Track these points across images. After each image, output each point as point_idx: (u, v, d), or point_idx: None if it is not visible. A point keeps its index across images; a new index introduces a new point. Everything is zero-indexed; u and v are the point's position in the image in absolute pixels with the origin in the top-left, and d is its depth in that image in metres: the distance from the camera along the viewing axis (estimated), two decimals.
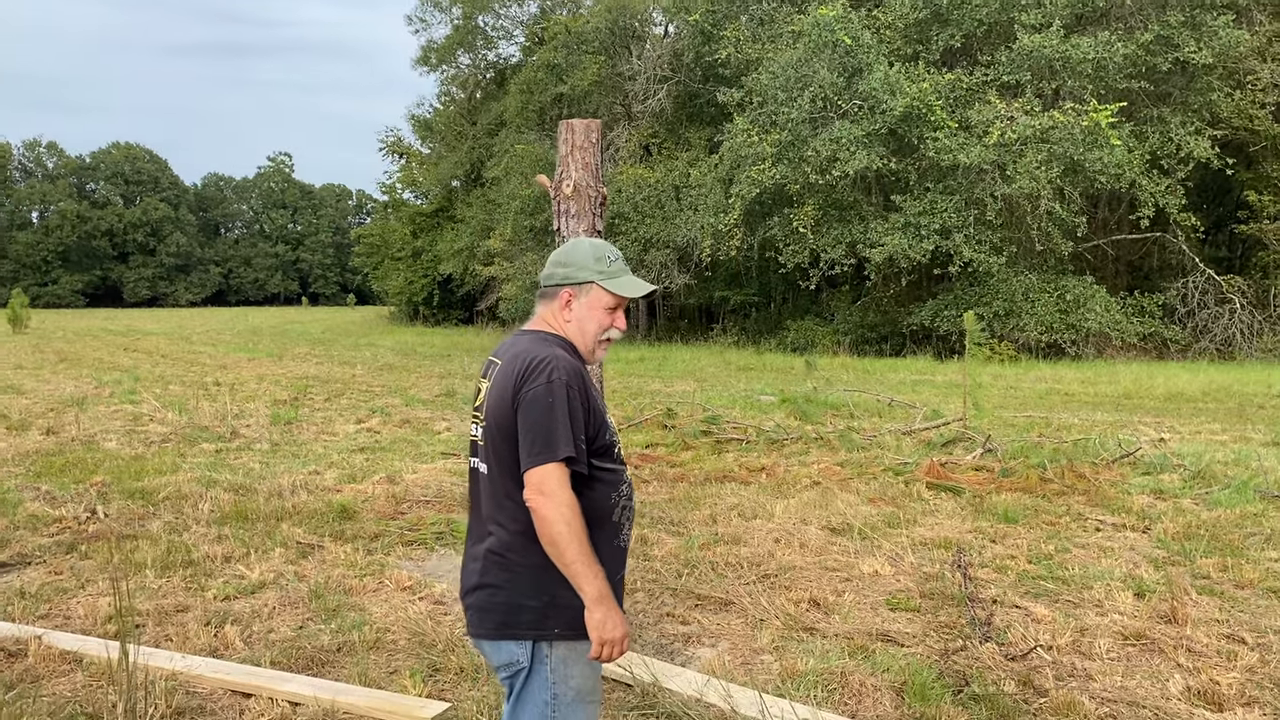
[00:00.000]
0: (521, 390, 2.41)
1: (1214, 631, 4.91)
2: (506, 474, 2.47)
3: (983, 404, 12.43)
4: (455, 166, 43.82)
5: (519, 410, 2.41)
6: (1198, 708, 4.03)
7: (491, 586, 2.47)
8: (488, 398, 2.53)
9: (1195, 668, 4.43)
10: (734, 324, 32.69)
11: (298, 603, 5.32)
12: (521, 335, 2.64)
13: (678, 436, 11.17)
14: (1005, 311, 23.97)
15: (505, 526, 2.47)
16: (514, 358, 2.52)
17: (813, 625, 4.99)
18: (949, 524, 7.23)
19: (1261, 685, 4.25)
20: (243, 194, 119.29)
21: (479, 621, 2.52)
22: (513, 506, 2.45)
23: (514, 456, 2.43)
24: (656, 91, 31.96)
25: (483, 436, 2.54)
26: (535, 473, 2.36)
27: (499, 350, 2.65)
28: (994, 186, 23.28)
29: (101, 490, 8.18)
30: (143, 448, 10.60)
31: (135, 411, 13.62)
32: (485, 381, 2.60)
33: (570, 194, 4.45)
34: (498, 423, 2.47)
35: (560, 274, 2.62)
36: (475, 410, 2.62)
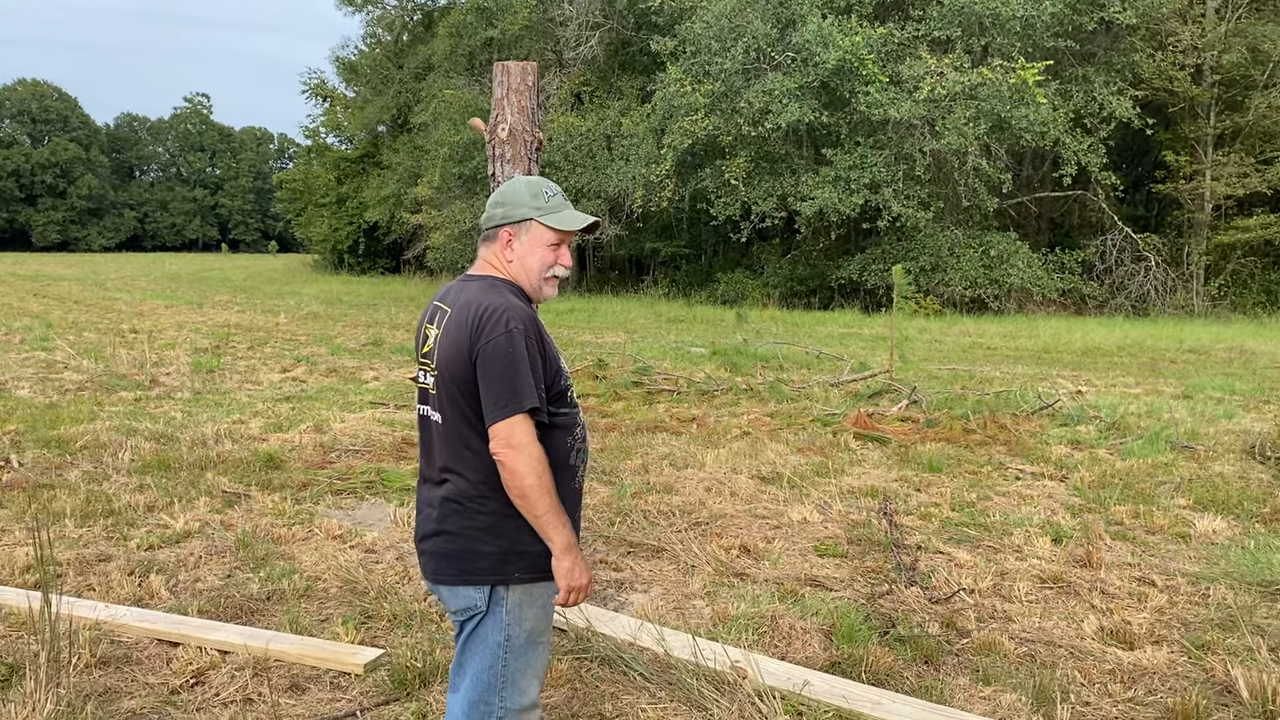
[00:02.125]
0: (480, 342, 2.39)
1: (1126, 575, 5.11)
2: (464, 423, 2.46)
3: (909, 356, 12.66)
4: (381, 111, 42.79)
5: (479, 363, 2.39)
6: (1110, 646, 4.20)
7: (449, 533, 2.48)
8: (439, 347, 2.49)
9: (1108, 609, 4.61)
10: (665, 276, 32.68)
11: (224, 552, 5.23)
12: (469, 281, 2.59)
13: (609, 387, 11.18)
14: (931, 266, 24.37)
15: (463, 475, 2.47)
16: (465, 306, 2.48)
17: (743, 571, 5.07)
18: (875, 473, 7.38)
19: (1170, 625, 4.44)
20: (158, 135, 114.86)
21: (436, 567, 2.52)
22: (471, 455, 2.45)
23: (472, 407, 2.43)
24: (588, 38, 31.47)
25: (435, 385, 2.51)
26: (502, 426, 2.36)
27: (445, 296, 2.59)
28: (923, 142, 23.53)
29: (15, 439, 7.91)
30: (57, 396, 10.27)
31: (48, 359, 13.17)
32: (434, 328, 2.54)
33: (505, 138, 4.37)
34: (453, 373, 2.44)
35: (499, 214, 2.59)
36: (423, 358, 2.58)
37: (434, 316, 2.57)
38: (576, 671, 3.81)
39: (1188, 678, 3.89)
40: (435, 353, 2.50)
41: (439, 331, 2.51)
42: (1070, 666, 3.99)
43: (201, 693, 3.66)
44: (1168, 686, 3.81)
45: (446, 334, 2.48)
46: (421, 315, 2.67)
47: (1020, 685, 3.77)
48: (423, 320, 2.64)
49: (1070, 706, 3.59)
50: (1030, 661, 4.03)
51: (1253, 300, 25.47)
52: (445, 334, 2.48)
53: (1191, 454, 8.13)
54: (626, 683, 3.74)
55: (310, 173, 52.22)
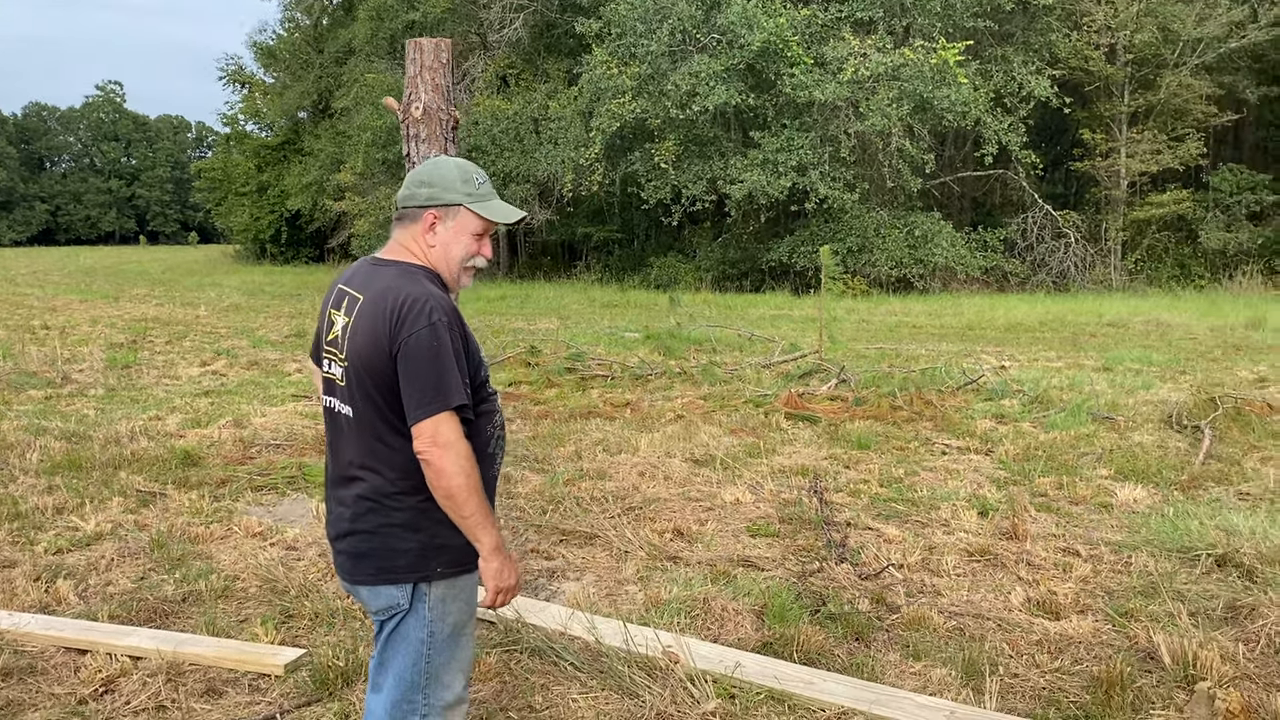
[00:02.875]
0: (401, 335, 2.25)
1: (1051, 545, 5.18)
2: (378, 418, 2.33)
3: (837, 337, 12.79)
4: (301, 97, 41.85)
5: (400, 357, 2.26)
6: (1037, 617, 4.25)
7: (364, 532, 2.37)
8: (351, 338, 2.34)
9: (1034, 580, 4.67)
10: (598, 261, 32.55)
11: (138, 554, 5.04)
12: (381, 265, 2.43)
13: (541, 374, 11.07)
14: (858, 247, 24.61)
15: (378, 471, 2.35)
16: (382, 294, 2.32)
17: (677, 554, 5.03)
18: (806, 452, 7.41)
19: (1094, 594, 4.51)
20: (69, 125, 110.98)
21: (354, 567, 2.41)
22: (386, 451, 2.34)
23: (389, 402, 2.30)
24: (513, 20, 31.08)
25: (345, 377, 2.36)
26: (427, 424, 2.24)
27: (352, 280, 2.44)
28: (848, 123, 23.72)
29: None
30: None
31: None
32: (340, 314, 2.39)
33: (420, 117, 4.24)
34: (369, 367, 2.31)
35: (424, 194, 2.42)
36: (329, 345, 2.43)
37: (341, 301, 2.41)
38: (506, 664, 3.73)
39: (1112, 645, 3.95)
40: (345, 343, 2.36)
41: (349, 320, 2.36)
42: (998, 639, 4.02)
43: (111, 702, 3.50)
44: (1093, 655, 3.86)
45: (360, 323, 2.33)
46: (325, 298, 2.50)
47: (950, 659, 3.79)
48: (326, 304, 2.47)
49: (999, 679, 3.61)
50: (959, 635, 4.06)
51: (1167, 274, 26.24)
52: (358, 323, 2.33)
53: (1112, 425, 8.31)
54: (558, 673, 3.67)
55: (229, 161, 50.88)
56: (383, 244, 2.55)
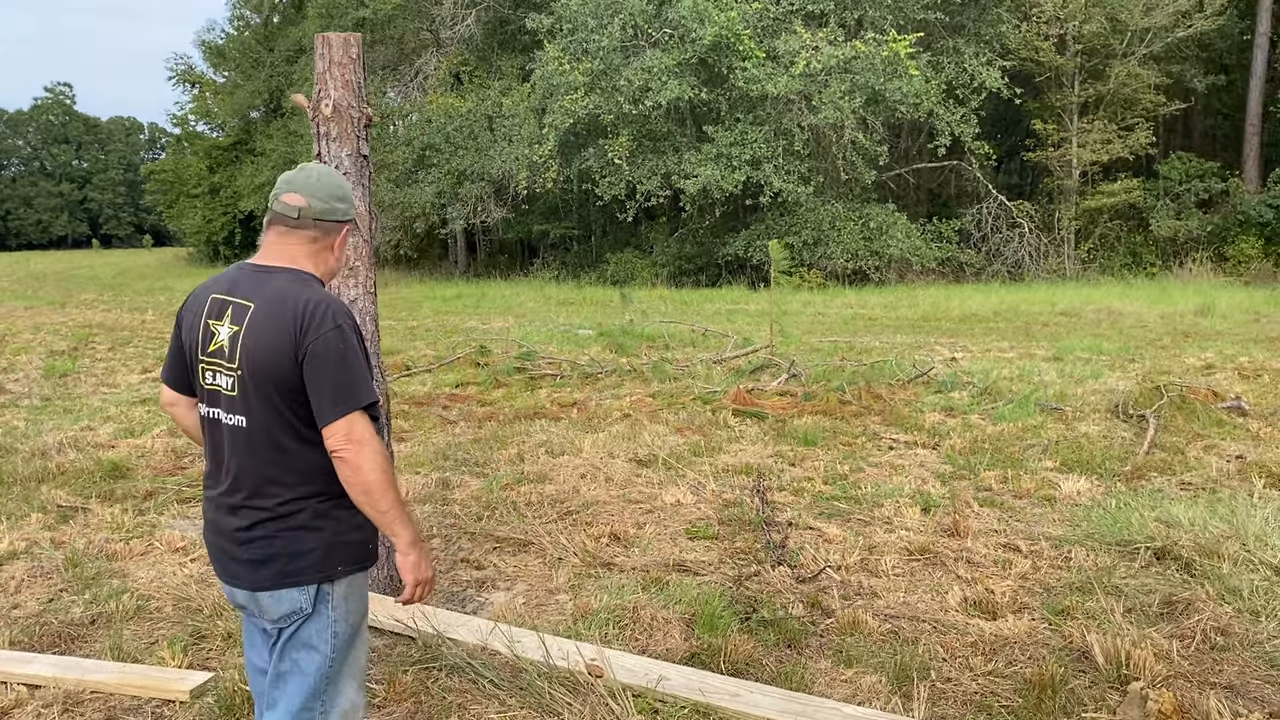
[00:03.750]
0: (308, 340, 2.27)
1: (992, 542, 5.12)
2: (278, 425, 2.32)
3: (790, 330, 12.74)
4: (253, 96, 41.24)
5: (308, 361, 2.27)
6: (974, 618, 4.18)
7: (265, 539, 2.34)
8: (245, 345, 2.30)
9: (973, 578, 4.60)
10: (554, 258, 32.34)
11: (51, 573, 4.83)
12: (270, 273, 2.39)
13: (490, 374, 10.90)
14: (814, 240, 24.61)
15: (277, 480, 2.34)
16: (279, 301, 2.31)
17: (611, 560, 4.91)
18: (752, 450, 7.32)
19: (1032, 591, 4.45)
20: (17, 128, 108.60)
21: (254, 574, 2.36)
22: (285, 458, 2.34)
23: (291, 408, 2.31)
24: (465, 16, 30.78)
25: (235, 387, 2.32)
26: (341, 424, 2.27)
27: (235, 289, 2.37)
28: (801, 117, 23.70)
29: None
30: None
31: None
32: (224, 324, 2.33)
33: (330, 115, 4.07)
34: (272, 374, 2.29)
35: (342, 209, 2.48)
36: (209, 358, 2.36)
37: (223, 311, 2.34)
38: (423, 683, 3.59)
39: (1047, 645, 3.88)
40: (239, 352, 2.31)
41: (240, 328, 2.31)
42: (933, 641, 3.94)
43: None
44: (1028, 656, 3.79)
45: (256, 333, 2.29)
46: (190, 309, 2.43)
47: (882, 665, 3.70)
48: (198, 314, 2.39)
49: (930, 684, 3.53)
50: (893, 639, 3.97)
51: (1119, 262, 26.49)
52: (253, 331, 2.30)
53: (1060, 415, 8.30)
54: (476, 691, 3.53)
55: (181, 162, 50.07)
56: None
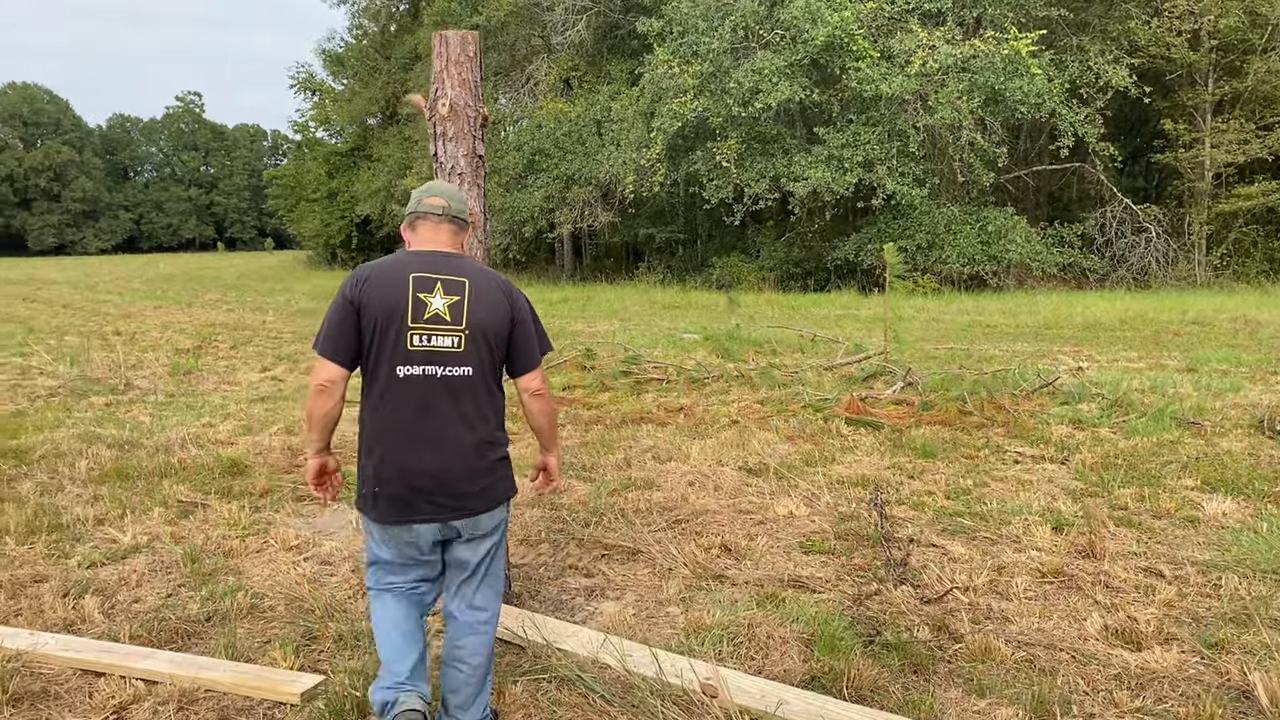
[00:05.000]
0: (514, 309, 2.98)
1: (1132, 565, 4.78)
2: (492, 375, 2.96)
3: (904, 337, 12.32)
4: (370, 103, 42.38)
5: (520, 324, 2.99)
6: (1116, 648, 3.87)
7: (488, 468, 2.94)
8: (474, 310, 2.89)
9: (1113, 605, 4.28)
10: (660, 262, 32.31)
11: (170, 568, 4.91)
12: (460, 260, 2.99)
13: (596, 378, 10.85)
14: (928, 244, 23.97)
15: (489, 420, 2.96)
16: (486, 278, 2.97)
17: (722, 573, 4.74)
18: (867, 461, 7.05)
19: (1180, 621, 4.11)
20: (151, 136, 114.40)
21: (476, 501, 2.93)
22: (493, 401, 2.98)
23: (499, 360, 2.98)
24: (575, 22, 31.01)
25: (462, 344, 2.87)
26: (538, 371, 3.07)
27: (433, 269, 2.91)
28: (916, 117, 23.12)
29: None
30: (26, 403, 9.95)
31: (23, 365, 12.84)
32: (437, 295, 2.85)
33: (446, 114, 4.02)
34: (494, 332, 2.92)
35: (466, 211, 3.13)
36: (425, 323, 2.84)
37: (431, 286, 2.87)
38: (533, 695, 3.48)
39: (1200, 682, 3.56)
40: (465, 315, 2.88)
41: (460, 298, 2.88)
42: (1072, 672, 3.66)
43: None
44: (1179, 693, 3.48)
45: (480, 299, 2.91)
46: (387, 289, 2.86)
47: (1017, 696, 3.44)
48: (404, 290, 2.85)
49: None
50: (1029, 668, 3.70)
51: (1256, 269, 25.07)
52: (478, 299, 2.91)
53: (1198, 430, 7.79)
54: (586, 706, 3.41)
55: (301, 168, 51.85)
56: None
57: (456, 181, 4.05)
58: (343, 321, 2.84)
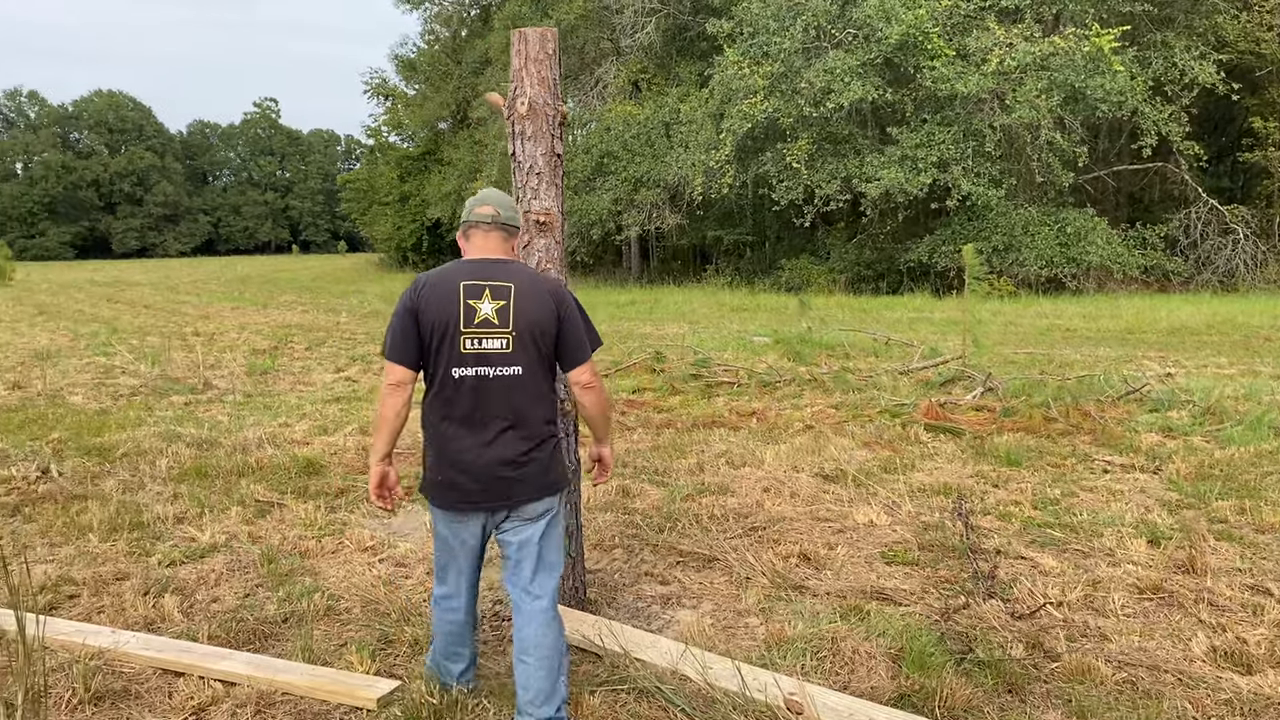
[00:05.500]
0: (561, 309, 3.12)
1: (1236, 582, 4.53)
2: (541, 374, 3.13)
3: (982, 341, 12.00)
4: (441, 107, 42.90)
5: (564, 323, 3.12)
6: (1225, 670, 3.66)
7: (537, 461, 3.13)
8: (520, 313, 3.05)
9: (1219, 624, 4.06)
10: (728, 264, 32.12)
11: (248, 568, 4.93)
12: (506, 264, 3.16)
13: (666, 381, 10.76)
14: (1004, 246, 23.44)
15: (540, 416, 3.14)
16: (532, 282, 3.13)
17: (802, 583, 4.60)
18: (949, 468, 6.84)
19: None
20: (229, 141, 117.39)
21: (524, 489, 3.12)
22: (543, 398, 3.15)
23: (549, 356, 3.14)
24: (645, 24, 31.00)
25: (511, 344, 3.06)
26: (588, 365, 3.20)
27: (487, 277, 3.09)
28: (993, 116, 22.63)
29: (57, 448, 7.76)
30: (110, 401, 10.19)
31: (107, 364, 13.19)
32: (486, 301, 3.04)
33: (525, 113, 3.95)
34: (542, 331, 3.08)
35: (516, 218, 3.27)
36: (475, 327, 3.04)
37: (480, 293, 3.06)
38: (610, 707, 3.39)
39: None
40: (512, 317, 3.06)
41: (507, 302, 3.06)
42: (1179, 696, 3.45)
43: None
44: None
45: (526, 303, 3.07)
46: (439, 298, 3.06)
47: None
48: (451, 299, 3.05)
49: None
50: (1131, 690, 3.51)
51: None
52: (523, 303, 3.07)
53: None
54: None
55: (374, 172, 52.68)
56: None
57: (534, 181, 3.99)
58: (404, 329, 3.08)
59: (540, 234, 4.01)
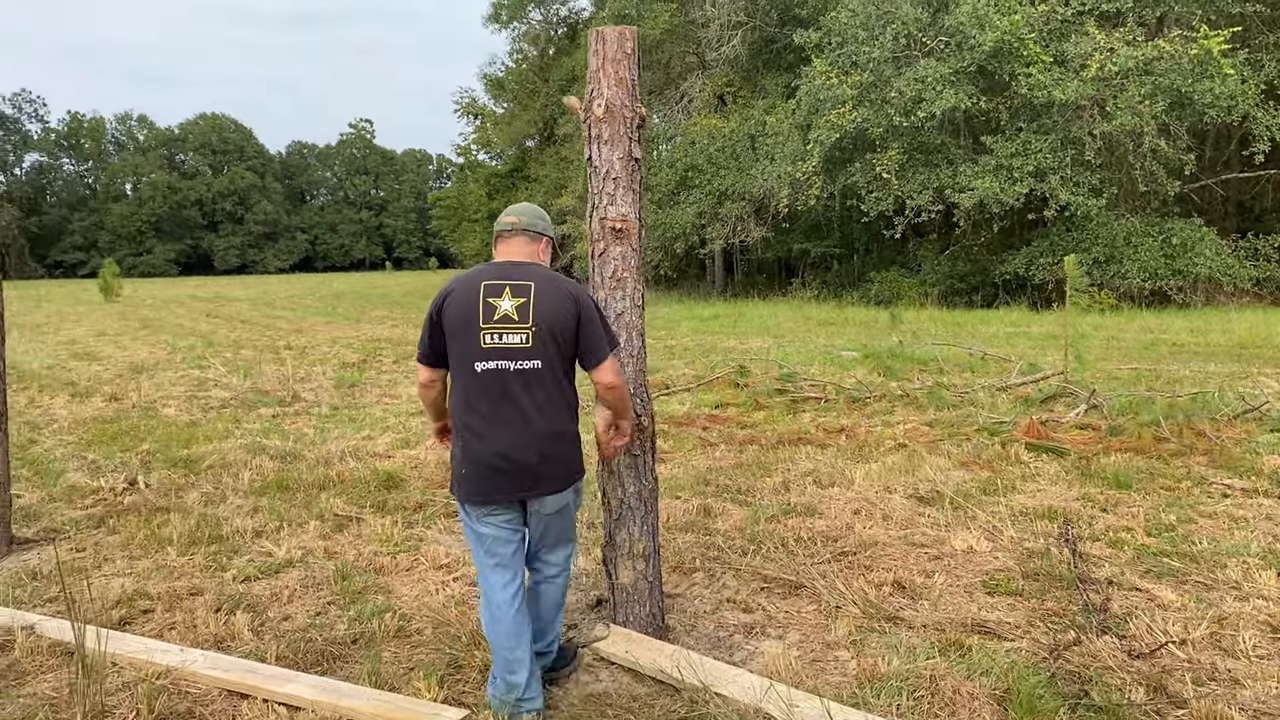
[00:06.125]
0: (579, 308, 3.25)
1: None
2: (560, 369, 3.26)
3: (1085, 356, 11.44)
4: (528, 125, 43.31)
5: (583, 322, 3.24)
6: None
7: (558, 454, 3.27)
8: (539, 310, 3.20)
9: None
10: (814, 277, 31.62)
11: (322, 584, 4.84)
12: (527, 266, 3.34)
13: (750, 396, 10.48)
14: (1106, 258, 22.52)
15: (559, 409, 3.27)
16: (551, 281, 3.28)
17: (896, 613, 4.31)
18: (1053, 490, 6.44)
19: None
20: (326, 161, 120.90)
21: (547, 481, 3.27)
22: (561, 392, 3.28)
23: (566, 354, 3.26)
24: (730, 38, 30.80)
25: (531, 340, 3.20)
26: (610, 362, 3.30)
27: (505, 277, 3.27)
28: (1093, 124, 21.79)
29: (145, 459, 7.86)
30: (200, 414, 10.34)
31: (201, 377, 13.46)
32: (505, 299, 3.21)
33: (602, 115, 3.77)
34: (560, 328, 3.21)
35: (541, 225, 3.48)
36: (495, 323, 3.20)
37: (499, 291, 3.23)
38: None
39: None
40: (532, 315, 3.20)
41: (526, 299, 3.22)
42: None
43: None
44: None
45: (544, 300, 3.22)
46: (459, 299, 3.26)
47: None
48: (471, 298, 3.24)
49: None
50: None
51: None
52: (543, 300, 3.22)
53: None
54: None
55: (463, 190, 53.49)
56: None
57: (611, 186, 3.81)
58: (431, 333, 3.34)
59: (616, 241, 3.82)
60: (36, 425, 9.66)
